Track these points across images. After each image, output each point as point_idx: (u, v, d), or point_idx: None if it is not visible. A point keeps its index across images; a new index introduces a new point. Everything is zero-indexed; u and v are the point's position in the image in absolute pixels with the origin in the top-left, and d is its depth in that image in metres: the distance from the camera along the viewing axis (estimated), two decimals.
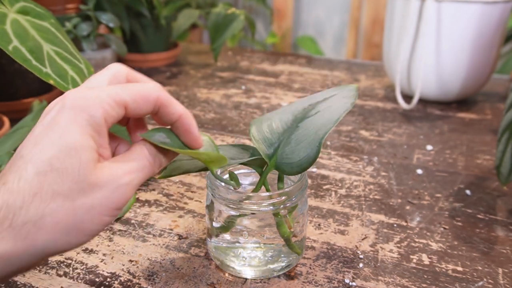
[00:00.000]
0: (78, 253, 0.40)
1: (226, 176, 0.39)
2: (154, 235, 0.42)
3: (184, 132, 0.30)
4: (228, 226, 0.36)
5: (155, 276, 0.37)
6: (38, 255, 0.25)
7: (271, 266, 0.37)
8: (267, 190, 0.36)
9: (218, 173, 0.38)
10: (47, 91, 0.69)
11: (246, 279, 0.37)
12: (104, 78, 0.29)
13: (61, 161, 0.25)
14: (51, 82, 0.45)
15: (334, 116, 0.34)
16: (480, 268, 0.39)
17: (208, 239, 0.38)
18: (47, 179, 0.25)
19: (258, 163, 0.36)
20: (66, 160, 0.25)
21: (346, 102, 0.35)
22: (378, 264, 0.39)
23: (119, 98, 0.27)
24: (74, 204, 0.25)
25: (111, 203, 0.26)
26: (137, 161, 0.28)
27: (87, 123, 0.26)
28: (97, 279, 0.37)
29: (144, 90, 0.28)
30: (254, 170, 0.37)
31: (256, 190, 0.36)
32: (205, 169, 0.34)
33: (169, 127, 0.31)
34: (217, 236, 0.37)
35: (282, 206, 0.35)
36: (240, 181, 0.40)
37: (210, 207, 0.37)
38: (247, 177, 0.40)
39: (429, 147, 0.60)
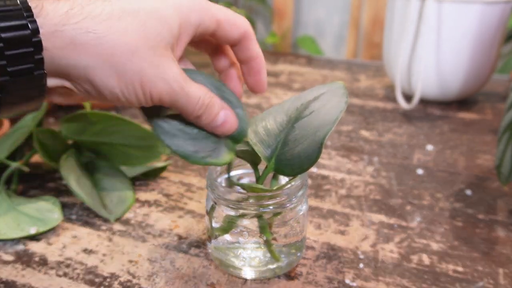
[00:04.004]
0: (78, 253, 0.40)
1: (224, 177, 0.39)
2: (154, 235, 0.42)
3: (256, 73, 0.33)
4: (228, 226, 0.36)
5: (155, 276, 0.37)
6: (76, 68, 0.26)
7: (271, 267, 0.37)
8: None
9: (218, 173, 0.38)
10: None
11: (246, 279, 0.37)
12: None
13: (147, 17, 0.27)
14: None
15: (331, 116, 0.34)
16: (480, 268, 0.39)
17: (208, 239, 0.38)
18: (128, 18, 0.26)
19: (249, 157, 0.36)
20: (149, 21, 0.27)
21: (339, 101, 0.35)
22: (379, 265, 0.39)
23: (218, 13, 0.30)
24: (132, 56, 0.26)
25: (152, 85, 0.27)
26: (194, 88, 0.30)
27: (185, 12, 0.29)
28: (96, 279, 0.37)
29: (236, 18, 0.32)
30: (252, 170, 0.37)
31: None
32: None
33: None
34: (216, 237, 0.37)
35: (282, 206, 0.34)
36: (239, 181, 0.40)
37: (210, 208, 0.37)
38: (246, 177, 0.40)
39: (429, 147, 0.60)
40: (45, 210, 0.43)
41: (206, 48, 0.35)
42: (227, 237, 0.36)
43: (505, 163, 0.45)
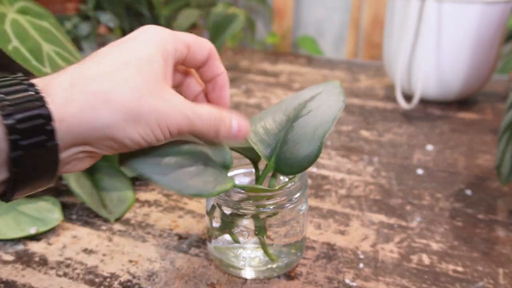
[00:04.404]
0: (78, 253, 0.40)
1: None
2: (154, 235, 0.42)
3: (221, 87, 0.34)
4: (228, 226, 0.36)
5: (155, 276, 0.37)
6: (96, 131, 0.27)
7: (271, 266, 0.37)
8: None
9: None
10: None
11: (246, 279, 0.37)
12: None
13: (138, 61, 0.28)
14: None
15: (330, 114, 0.34)
16: (480, 268, 0.39)
17: (208, 239, 0.38)
18: (124, 68, 0.27)
19: (249, 155, 0.36)
20: (141, 63, 0.28)
21: (337, 99, 0.35)
22: (379, 264, 0.39)
23: (185, 38, 0.32)
24: (141, 98, 0.27)
25: (168, 119, 0.28)
26: (205, 110, 0.30)
27: (161, 44, 0.30)
28: (96, 279, 0.37)
29: (201, 39, 0.33)
30: (252, 170, 0.37)
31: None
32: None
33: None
34: (216, 237, 0.37)
35: (282, 206, 0.34)
36: (239, 181, 0.40)
37: (210, 208, 0.37)
38: (246, 177, 0.40)
39: (429, 147, 0.60)
40: (45, 210, 0.43)
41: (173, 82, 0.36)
42: (227, 237, 0.36)
43: (505, 163, 0.45)
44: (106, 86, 0.27)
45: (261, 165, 0.37)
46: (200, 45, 0.33)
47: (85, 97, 0.26)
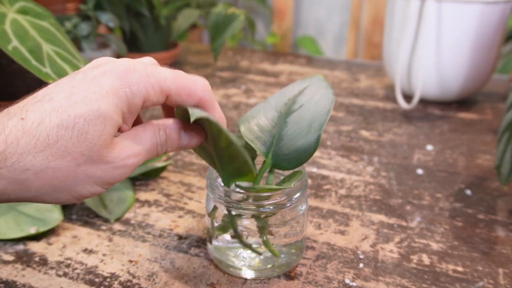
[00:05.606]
0: (78, 253, 0.40)
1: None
2: (154, 235, 0.42)
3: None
4: (228, 226, 0.35)
5: (155, 276, 0.37)
6: (24, 199, 0.26)
7: (271, 266, 0.37)
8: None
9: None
10: None
11: (246, 279, 0.37)
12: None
13: (86, 123, 0.25)
14: (51, 82, 0.45)
15: (322, 107, 0.35)
16: (480, 268, 0.39)
17: (208, 239, 0.38)
18: (66, 134, 0.25)
19: (249, 153, 0.36)
20: (91, 125, 0.25)
21: (326, 92, 0.36)
22: (378, 264, 0.39)
23: (166, 87, 0.28)
24: (78, 168, 0.26)
25: (109, 177, 0.27)
26: (147, 143, 0.28)
27: (126, 99, 0.26)
28: (96, 279, 0.37)
29: (190, 86, 0.29)
30: None
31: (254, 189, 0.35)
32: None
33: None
34: (217, 237, 0.37)
35: (282, 206, 0.35)
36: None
37: (210, 208, 0.37)
38: None
39: (429, 147, 0.60)
40: (45, 210, 0.43)
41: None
42: (227, 237, 0.36)
43: (505, 163, 0.45)
44: (39, 162, 0.25)
45: (257, 165, 0.37)
46: (186, 94, 0.29)
47: (14, 172, 0.24)
